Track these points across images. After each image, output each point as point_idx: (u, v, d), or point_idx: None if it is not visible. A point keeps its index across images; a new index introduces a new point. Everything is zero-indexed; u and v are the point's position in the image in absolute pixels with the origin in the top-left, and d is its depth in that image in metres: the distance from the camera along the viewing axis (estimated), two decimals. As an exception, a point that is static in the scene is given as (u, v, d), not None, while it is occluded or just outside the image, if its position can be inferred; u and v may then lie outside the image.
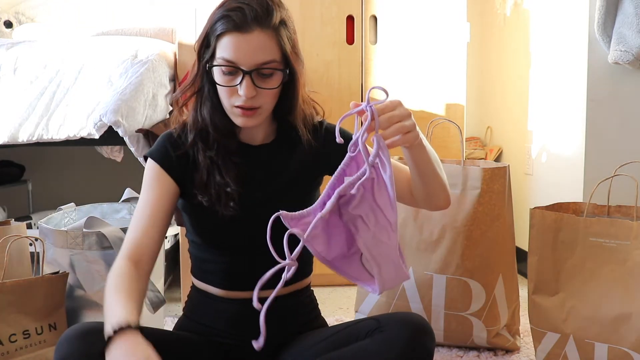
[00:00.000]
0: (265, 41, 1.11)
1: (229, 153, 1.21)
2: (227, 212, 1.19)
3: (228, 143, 1.22)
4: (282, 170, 1.26)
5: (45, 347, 1.46)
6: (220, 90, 1.16)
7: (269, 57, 1.12)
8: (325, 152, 1.27)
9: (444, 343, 1.75)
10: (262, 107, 1.16)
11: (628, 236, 1.39)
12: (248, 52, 1.11)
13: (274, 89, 1.15)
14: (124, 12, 2.90)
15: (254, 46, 1.11)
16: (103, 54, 2.05)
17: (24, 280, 1.46)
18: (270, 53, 1.12)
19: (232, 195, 1.19)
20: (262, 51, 1.11)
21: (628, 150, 2.01)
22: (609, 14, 1.96)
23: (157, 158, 1.22)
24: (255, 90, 1.12)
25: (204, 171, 1.20)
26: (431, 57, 2.37)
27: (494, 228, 1.67)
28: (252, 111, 1.15)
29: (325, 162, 1.27)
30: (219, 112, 1.20)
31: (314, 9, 2.33)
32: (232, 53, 1.11)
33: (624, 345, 1.37)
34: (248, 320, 1.22)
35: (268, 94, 1.15)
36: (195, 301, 1.30)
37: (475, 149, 2.82)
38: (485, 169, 1.67)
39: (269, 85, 1.14)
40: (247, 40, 1.11)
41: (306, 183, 1.28)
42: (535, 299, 1.52)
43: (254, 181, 1.23)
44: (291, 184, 1.26)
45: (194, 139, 1.21)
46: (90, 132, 1.88)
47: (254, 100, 1.14)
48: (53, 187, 2.97)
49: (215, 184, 1.19)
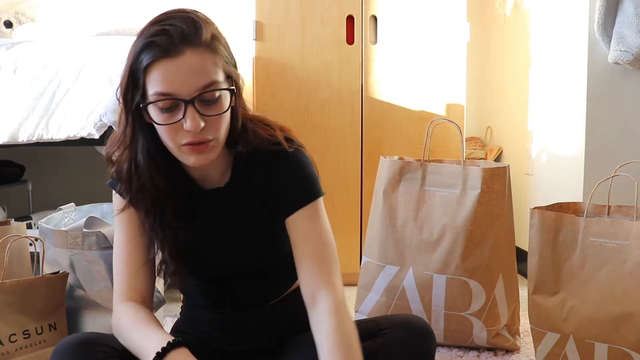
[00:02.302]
0: (201, 62, 0.97)
1: (168, 213, 1.09)
2: (173, 285, 1.14)
3: (166, 202, 1.08)
4: (240, 218, 1.14)
5: (45, 347, 1.46)
6: (162, 132, 1.01)
7: (209, 79, 0.98)
8: (279, 191, 1.12)
9: (444, 343, 1.75)
10: (214, 139, 1.01)
11: (628, 236, 1.39)
12: (184, 78, 0.96)
13: (222, 114, 1.01)
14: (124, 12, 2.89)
15: (189, 70, 0.96)
16: (103, 54, 2.05)
17: (24, 280, 1.46)
18: (209, 74, 0.98)
19: (168, 270, 1.12)
20: (200, 74, 0.97)
21: (628, 150, 2.01)
22: (609, 14, 1.96)
23: (119, 191, 1.14)
24: (203, 119, 0.98)
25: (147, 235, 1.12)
26: (431, 57, 2.37)
27: (494, 228, 1.67)
28: (203, 145, 1.00)
29: (278, 201, 1.12)
30: (157, 162, 1.06)
31: (314, 9, 2.33)
32: (167, 84, 0.96)
33: (624, 345, 1.37)
34: (240, 327, 1.21)
35: (217, 121, 1.00)
36: (188, 308, 1.29)
37: (475, 149, 2.82)
38: (485, 169, 1.67)
39: (215, 111, 0.99)
40: (179, 65, 0.96)
41: (273, 226, 1.14)
42: (535, 299, 1.52)
43: (207, 233, 1.14)
44: (253, 232, 1.15)
45: (130, 202, 1.10)
46: (90, 132, 1.88)
47: (203, 133, 0.99)
48: (53, 187, 2.97)
49: (157, 252, 1.13)
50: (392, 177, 1.78)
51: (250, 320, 1.20)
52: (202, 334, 1.23)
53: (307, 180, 1.12)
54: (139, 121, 1.04)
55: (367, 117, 2.38)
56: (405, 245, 1.74)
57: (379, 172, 1.83)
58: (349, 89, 2.36)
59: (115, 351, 1.05)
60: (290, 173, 1.11)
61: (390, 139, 2.38)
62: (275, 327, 1.22)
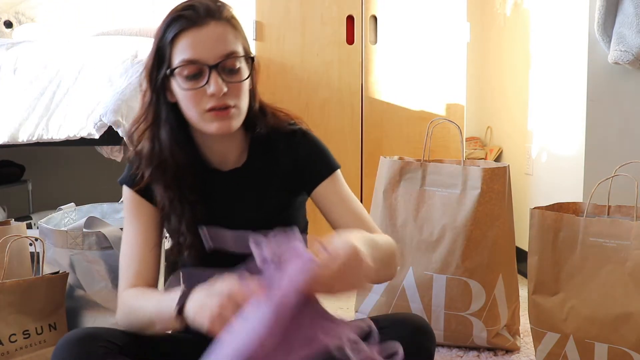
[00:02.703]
0: (223, 32, 1.06)
1: (186, 190, 1.12)
2: (188, 260, 1.14)
3: (186, 177, 1.13)
4: (257, 194, 1.18)
5: (45, 347, 1.46)
6: (187, 99, 1.07)
7: (231, 48, 1.06)
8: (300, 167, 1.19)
9: (444, 343, 1.75)
10: (235, 106, 1.08)
11: (628, 236, 1.39)
12: (209, 45, 1.04)
13: (243, 82, 1.08)
14: (124, 12, 2.89)
15: (213, 38, 1.05)
16: (103, 54, 2.05)
17: (24, 280, 1.46)
18: (231, 44, 1.06)
19: (185, 244, 1.12)
20: (223, 42, 1.06)
21: (628, 150, 2.01)
22: (609, 14, 1.96)
23: (132, 185, 1.16)
24: (226, 85, 1.05)
25: (161, 212, 1.14)
26: (431, 57, 2.37)
27: (494, 228, 1.67)
28: (226, 111, 1.06)
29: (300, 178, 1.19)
30: (179, 139, 1.12)
31: (314, 9, 2.33)
32: (192, 51, 1.04)
33: (624, 345, 1.37)
34: None
35: (238, 89, 1.08)
36: None
37: (475, 149, 2.82)
38: (485, 169, 1.67)
39: (237, 78, 1.07)
40: (205, 33, 1.04)
41: (287, 206, 1.20)
42: (535, 299, 1.52)
43: (224, 210, 1.17)
44: (269, 212, 1.18)
45: (151, 176, 1.12)
46: (90, 132, 1.88)
47: (226, 98, 1.06)
48: (53, 187, 2.97)
49: (171, 228, 1.14)
50: (392, 177, 1.78)
51: None
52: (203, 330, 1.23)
53: (326, 153, 1.21)
54: (163, 99, 1.10)
55: (367, 117, 2.38)
56: (405, 245, 1.74)
57: (379, 172, 1.83)
58: (349, 89, 2.36)
59: (116, 346, 1.05)
60: (310, 148, 1.19)
61: (390, 139, 2.38)
62: None
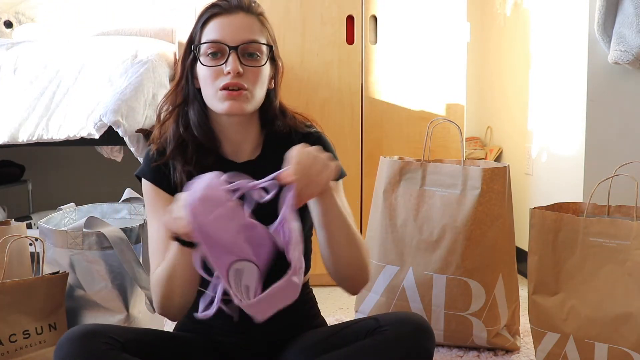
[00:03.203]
0: (250, 23, 1.16)
1: (206, 167, 1.15)
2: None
3: (207, 157, 1.19)
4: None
5: (45, 347, 1.45)
6: (205, 75, 1.16)
7: (253, 36, 1.15)
8: None
9: (444, 343, 1.75)
10: (249, 91, 1.15)
11: (628, 236, 1.39)
12: (233, 29, 1.14)
13: (260, 68, 1.16)
14: (124, 12, 2.89)
15: (239, 25, 1.15)
16: (103, 54, 2.05)
17: (24, 280, 1.46)
18: (254, 33, 1.16)
19: None
20: (247, 30, 1.15)
21: (628, 150, 2.01)
22: (609, 14, 1.96)
23: (150, 177, 1.21)
24: (242, 67, 1.13)
25: (178, 190, 1.15)
26: (431, 57, 2.37)
27: (494, 228, 1.67)
28: (238, 92, 1.13)
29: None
30: (204, 122, 1.20)
31: (314, 9, 2.33)
32: (217, 33, 1.15)
33: (624, 345, 1.37)
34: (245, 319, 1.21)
35: (254, 74, 1.15)
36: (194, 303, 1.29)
37: (475, 149, 2.83)
38: (485, 169, 1.67)
39: (255, 63, 1.15)
40: (231, 20, 1.15)
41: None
42: (535, 299, 1.52)
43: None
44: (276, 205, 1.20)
45: (173, 151, 1.19)
46: (90, 132, 1.88)
47: (241, 79, 1.13)
48: (53, 187, 2.97)
49: None
50: (392, 177, 1.78)
51: None
52: (206, 329, 1.23)
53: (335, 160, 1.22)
54: (192, 84, 1.20)
55: (367, 117, 2.38)
56: (405, 245, 1.74)
57: (379, 172, 1.83)
58: (349, 89, 2.36)
59: (118, 343, 1.06)
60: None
61: (390, 139, 2.38)
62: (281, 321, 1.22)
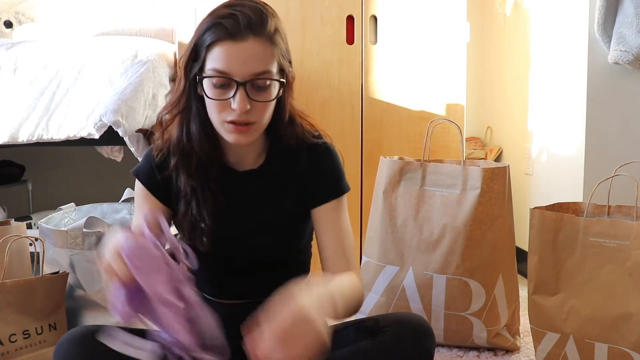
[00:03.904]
0: (261, 50, 1.04)
1: (209, 180, 1.15)
2: (201, 247, 1.15)
3: (210, 168, 1.15)
4: (267, 199, 1.19)
5: (45, 347, 1.46)
6: (210, 105, 1.09)
7: (264, 68, 1.05)
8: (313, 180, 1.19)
9: (444, 343, 1.75)
10: (256, 123, 1.08)
11: (628, 236, 1.39)
12: (242, 61, 1.03)
13: (269, 102, 1.08)
14: (124, 12, 2.89)
15: (248, 55, 1.03)
16: (103, 54, 2.05)
17: (24, 280, 1.46)
18: (265, 63, 1.05)
19: (205, 232, 1.14)
20: (257, 61, 1.04)
21: (628, 150, 2.01)
22: (609, 14, 1.96)
23: (143, 179, 1.19)
24: (250, 103, 1.05)
25: (183, 201, 1.15)
26: (431, 57, 2.37)
27: (494, 228, 1.67)
28: (246, 127, 1.07)
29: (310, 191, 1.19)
30: (207, 132, 1.14)
31: (314, 9, 2.32)
32: (225, 63, 1.04)
33: (624, 345, 1.37)
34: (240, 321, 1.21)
35: (263, 107, 1.08)
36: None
37: (475, 149, 2.83)
38: (485, 169, 1.67)
39: (264, 97, 1.07)
40: (240, 49, 1.03)
41: (297, 216, 1.21)
42: (535, 299, 1.52)
43: (234, 208, 1.18)
44: (279, 218, 1.20)
45: (176, 164, 1.15)
46: (90, 132, 1.88)
47: (248, 115, 1.06)
48: (53, 187, 2.97)
49: (192, 215, 1.15)
50: (392, 177, 1.78)
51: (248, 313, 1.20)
52: None
53: (340, 175, 1.22)
54: (194, 90, 1.12)
55: (367, 117, 2.38)
56: (405, 245, 1.74)
57: (379, 172, 1.83)
58: (349, 89, 2.36)
59: None
60: (328, 165, 1.20)
61: (390, 139, 2.38)
62: None
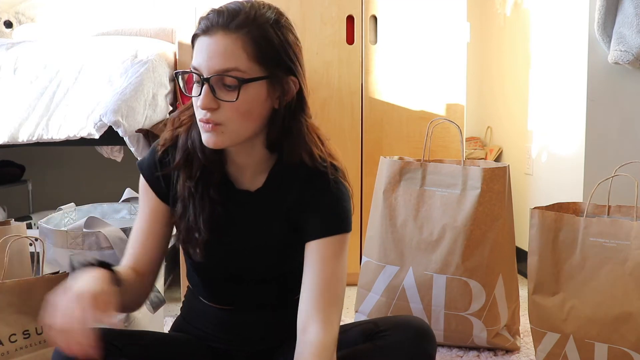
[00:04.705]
0: (227, 45, 0.99)
1: (209, 186, 1.10)
2: (195, 257, 1.14)
3: (212, 174, 1.11)
4: (260, 222, 1.14)
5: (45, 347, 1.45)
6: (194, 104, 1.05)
7: (229, 65, 0.98)
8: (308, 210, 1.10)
9: (444, 343, 1.75)
10: (225, 125, 1.01)
11: (628, 236, 1.39)
12: (208, 56, 0.99)
13: (234, 103, 0.99)
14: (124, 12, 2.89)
15: (214, 50, 0.99)
16: (103, 54, 2.05)
17: (24, 280, 1.45)
18: (231, 60, 0.98)
19: (198, 242, 1.11)
20: (222, 56, 0.98)
21: (628, 150, 2.01)
22: (609, 14, 1.96)
23: (145, 173, 1.16)
24: (216, 102, 0.99)
25: (181, 204, 1.12)
26: (431, 57, 2.37)
27: (494, 228, 1.67)
28: (214, 127, 1.01)
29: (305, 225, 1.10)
30: None
31: (314, 9, 2.32)
32: (195, 59, 1.01)
33: (624, 345, 1.37)
34: (237, 327, 1.21)
35: (233, 108, 1.00)
36: (189, 303, 1.29)
37: (475, 149, 2.83)
38: (485, 169, 1.67)
39: (230, 97, 0.99)
40: (208, 44, 1.00)
41: (291, 244, 1.14)
42: (535, 299, 1.52)
43: (228, 224, 1.14)
44: (267, 240, 1.15)
45: (179, 161, 1.11)
46: (90, 132, 1.88)
47: (215, 115, 1.00)
48: (53, 187, 2.97)
49: (188, 223, 1.11)
50: (392, 177, 1.78)
51: (250, 322, 1.20)
52: (200, 332, 1.23)
53: (341, 213, 1.11)
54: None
55: (367, 117, 2.38)
56: (405, 245, 1.74)
57: (379, 172, 1.83)
58: (349, 89, 2.36)
59: (115, 348, 1.06)
60: (326, 200, 1.10)
61: (390, 139, 2.38)
62: (275, 331, 1.22)
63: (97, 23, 2.85)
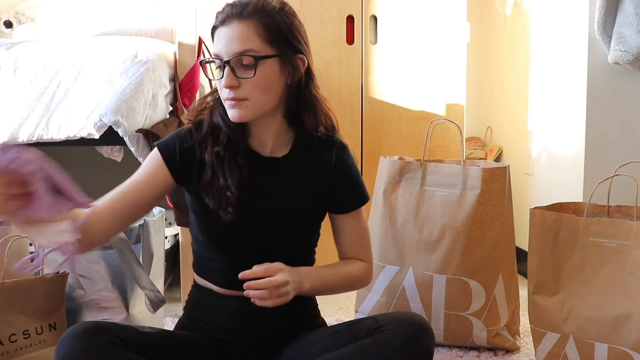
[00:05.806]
0: (242, 31, 1.14)
1: (236, 153, 1.21)
2: (226, 216, 1.18)
3: (239, 143, 1.22)
4: (289, 188, 1.25)
5: (45, 347, 1.45)
6: (217, 87, 1.20)
7: (245, 47, 1.14)
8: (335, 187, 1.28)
9: (444, 343, 1.75)
10: (249, 100, 1.16)
11: (628, 236, 1.39)
12: (226, 42, 1.15)
13: (253, 79, 1.15)
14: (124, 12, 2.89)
15: (231, 36, 1.15)
16: (103, 54, 2.05)
17: (24, 280, 1.46)
18: (247, 42, 1.14)
19: (230, 200, 1.18)
20: (238, 41, 1.14)
21: (628, 150, 2.01)
22: (609, 14, 1.96)
23: (162, 149, 1.23)
24: (237, 81, 1.14)
25: (209, 170, 1.20)
26: (431, 57, 2.37)
27: (494, 228, 1.67)
28: (238, 102, 1.16)
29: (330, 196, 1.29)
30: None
31: (314, 9, 2.33)
32: (215, 46, 1.17)
33: (624, 345, 1.37)
34: (247, 316, 1.22)
35: (252, 84, 1.15)
36: (195, 298, 1.31)
37: (475, 149, 2.83)
38: (485, 169, 1.67)
39: (249, 74, 1.15)
40: (225, 32, 1.16)
41: (313, 208, 1.28)
42: (535, 299, 1.52)
43: (257, 190, 1.23)
44: (296, 206, 1.26)
45: (206, 133, 1.22)
46: (90, 132, 1.88)
47: (238, 91, 1.15)
48: (53, 187, 2.97)
49: (218, 185, 1.19)
50: (392, 177, 1.78)
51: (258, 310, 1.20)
52: (209, 326, 1.24)
53: (361, 184, 1.31)
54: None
55: (367, 117, 2.38)
56: (405, 245, 1.74)
57: (379, 172, 1.83)
58: (349, 89, 2.36)
59: (120, 340, 1.06)
60: (352, 173, 1.29)
61: (390, 139, 2.38)
62: (282, 320, 1.23)
63: (97, 23, 2.84)
